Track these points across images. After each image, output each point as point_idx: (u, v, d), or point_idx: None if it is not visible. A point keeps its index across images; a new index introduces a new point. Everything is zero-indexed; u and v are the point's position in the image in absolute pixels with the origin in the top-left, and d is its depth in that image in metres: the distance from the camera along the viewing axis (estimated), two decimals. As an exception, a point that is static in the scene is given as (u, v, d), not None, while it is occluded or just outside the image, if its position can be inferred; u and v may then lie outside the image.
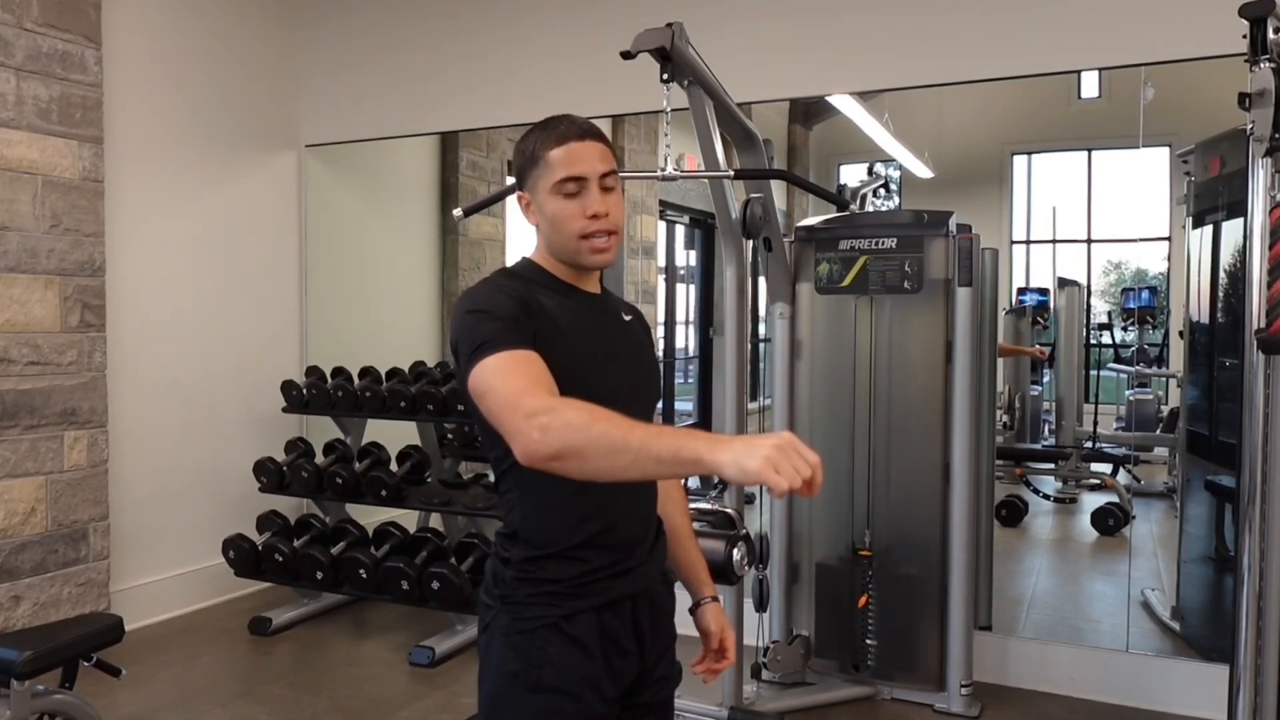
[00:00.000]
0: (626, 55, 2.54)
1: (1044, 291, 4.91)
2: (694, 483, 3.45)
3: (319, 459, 4.32)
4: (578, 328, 1.45)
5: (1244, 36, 2.06)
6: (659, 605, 1.55)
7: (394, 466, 4.19)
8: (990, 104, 4.21)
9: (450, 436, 4.58)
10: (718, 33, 3.41)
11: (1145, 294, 4.72)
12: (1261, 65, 2.06)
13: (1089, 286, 4.78)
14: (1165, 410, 4.75)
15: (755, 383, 4.27)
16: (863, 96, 4.05)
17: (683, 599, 1.65)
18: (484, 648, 1.47)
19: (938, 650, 3.28)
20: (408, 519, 4.29)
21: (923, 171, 4.60)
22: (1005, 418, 5.00)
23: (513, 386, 1.26)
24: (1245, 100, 2.11)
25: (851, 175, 4.94)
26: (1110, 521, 4.50)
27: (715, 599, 1.70)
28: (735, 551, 2.37)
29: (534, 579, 1.42)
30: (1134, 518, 4.43)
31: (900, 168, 4.74)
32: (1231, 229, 3.49)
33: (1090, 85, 4.05)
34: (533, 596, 1.42)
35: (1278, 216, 2.15)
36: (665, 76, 2.59)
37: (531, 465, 1.21)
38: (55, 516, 3.69)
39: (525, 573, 1.43)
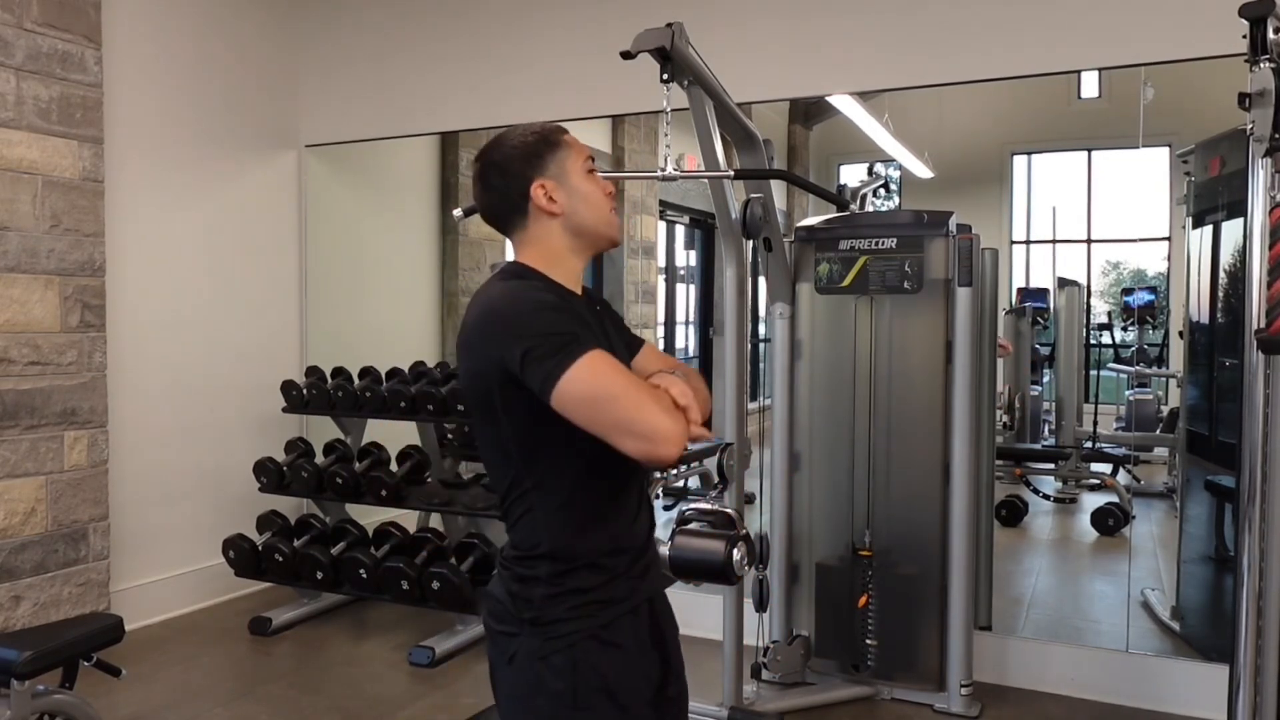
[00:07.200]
0: (626, 55, 2.54)
1: (1043, 292, 4.91)
2: (694, 482, 3.44)
3: (319, 459, 4.32)
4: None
5: (1244, 36, 2.06)
6: (668, 604, 1.57)
7: (394, 466, 4.18)
8: (990, 104, 4.22)
9: (450, 436, 4.58)
10: (718, 33, 3.41)
11: (1145, 295, 4.72)
12: (1261, 65, 2.05)
13: (1089, 286, 4.79)
14: (1165, 410, 4.76)
15: (755, 383, 4.27)
16: (863, 96, 4.05)
17: (679, 598, 1.65)
18: (514, 676, 1.41)
19: (937, 650, 3.28)
20: (408, 519, 4.28)
21: (923, 171, 4.60)
22: (1005, 418, 5.01)
23: (639, 396, 1.28)
24: (1245, 100, 2.11)
25: (851, 175, 4.95)
26: (1110, 521, 4.50)
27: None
28: (735, 551, 2.35)
29: (566, 591, 1.40)
30: (1134, 518, 4.43)
31: (900, 168, 4.74)
32: (1231, 229, 3.49)
33: (1090, 85, 4.05)
34: (569, 611, 1.39)
35: (1278, 216, 2.15)
36: (665, 76, 2.59)
37: (659, 462, 1.29)
38: (55, 516, 3.69)
39: (556, 587, 1.40)
